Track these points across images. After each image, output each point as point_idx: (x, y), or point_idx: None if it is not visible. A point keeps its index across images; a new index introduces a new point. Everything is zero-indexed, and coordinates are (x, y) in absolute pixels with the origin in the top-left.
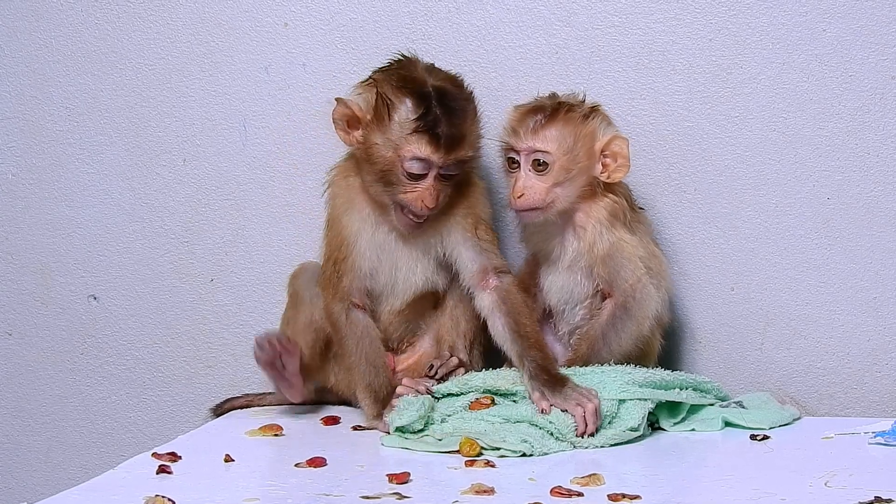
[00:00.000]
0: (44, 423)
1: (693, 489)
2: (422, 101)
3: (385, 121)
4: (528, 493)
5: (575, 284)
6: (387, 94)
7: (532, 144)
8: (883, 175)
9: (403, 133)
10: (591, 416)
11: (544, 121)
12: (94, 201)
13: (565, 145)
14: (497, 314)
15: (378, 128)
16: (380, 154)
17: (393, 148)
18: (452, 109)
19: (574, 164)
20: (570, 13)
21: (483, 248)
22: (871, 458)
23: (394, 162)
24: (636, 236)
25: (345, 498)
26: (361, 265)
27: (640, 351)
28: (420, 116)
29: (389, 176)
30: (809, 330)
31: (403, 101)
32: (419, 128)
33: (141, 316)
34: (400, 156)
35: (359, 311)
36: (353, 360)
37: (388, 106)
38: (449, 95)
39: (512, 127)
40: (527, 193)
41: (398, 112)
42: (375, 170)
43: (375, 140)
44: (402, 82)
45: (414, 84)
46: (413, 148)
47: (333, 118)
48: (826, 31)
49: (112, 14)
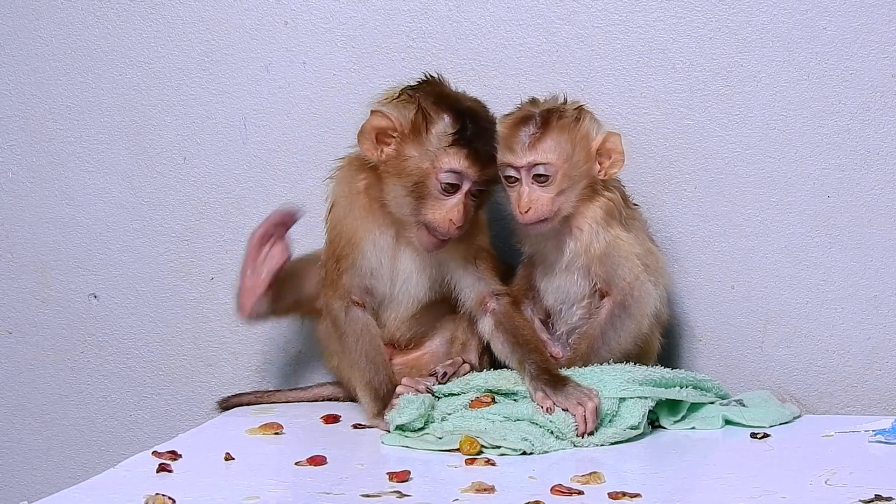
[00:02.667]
0: (44, 422)
1: (693, 487)
2: (459, 118)
3: (423, 134)
4: (529, 491)
5: (572, 285)
6: (427, 109)
7: (532, 159)
8: (883, 173)
9: (442, 146)
10: (591, 414)
11: (539, 133)
12: (94, 200)
13: (564, 153)
14: (497, 335)
15: (415, 141)
16: (415, 166)
17: (430, 160)
18: (485, 129)
19: (575, 169)
20: (570, 12)
21: (480, 276)
22: (871, 457)
23: (429, 174)
24: (632, 234)
25: (345, 496)
26: (362, 265)
27: (640, 349)
28: (458, 131)
29: (422, 189)
30: (810, 328)
31: (442, 117)
32: (458, 141)
33: (141, 314)
34: (436, 167)
35: (358, 309)
36: (353, 357)
37: (426, 120)
38: (481, 116)
39: (505, 141)
40: (533, 207)
41: (436, 126)
42: (407, 183)
43: (411, 153)
44: (440, 98)
45: (451, 101)
46: (451, 160)
47: (363, 130)
48: (826, 30)
49: (112, 13)
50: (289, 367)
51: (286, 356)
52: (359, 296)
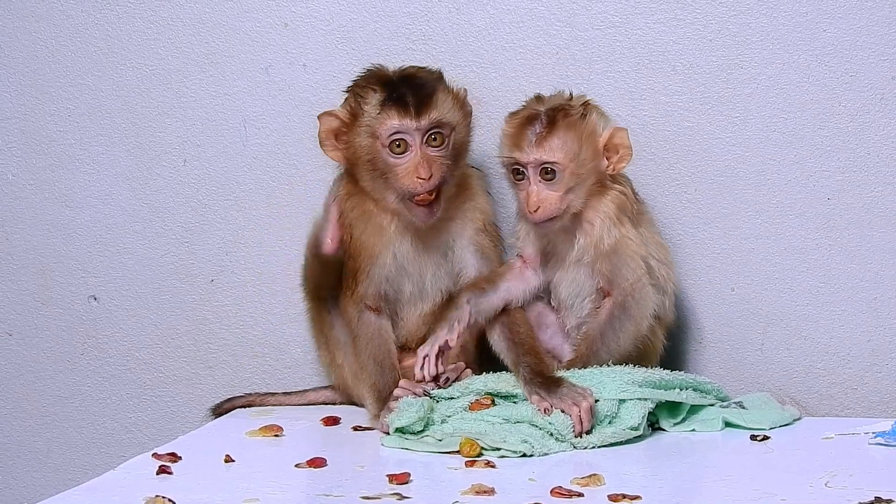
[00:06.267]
0: (44, 424)
1: (693, 489)
2: (386, 85)
3: (360, 114)
4: (529, 493)
5: (586, 277)
6: (357, 92)
7: (539, 157)
8: (883, 175)
9: (374, 115)
10: (586, 413)
11: (546, 130)
12: (94, 202)
13: (572, 151)
14: (494, 327)
15: (357, 124)
16: (362, 145)
17: (369, 133)
18: (417, 83)
19: (582, 167)
20: (570, 13)
21: (485, 254)
22: (871, 459)
23: (374, 146)
24: (640, 232)
25: (345, 498)
26: (380, 275)
27: (640, 351)
28: (386, 95)
29: (378, 163)
30: (810, 330)
31: (370, 91)
32: (385, 101)
33: (141, 316)
34: (378, 136)
35: (371, 314)
36: (362, 359)
37: (359, 101)
38: (413, 76)
39: (512, 139)
40: (542, 206)
41: (368, 101)
42: (367, 165)
43: (357, 136)
44: (368, 78)
45: (378, 75)
46: (385, 121)
47: (320, 138)
48: (826, 32)
49: (112, 15)
50: (287, 370)
51: (286, 359)
52: (373, 301)
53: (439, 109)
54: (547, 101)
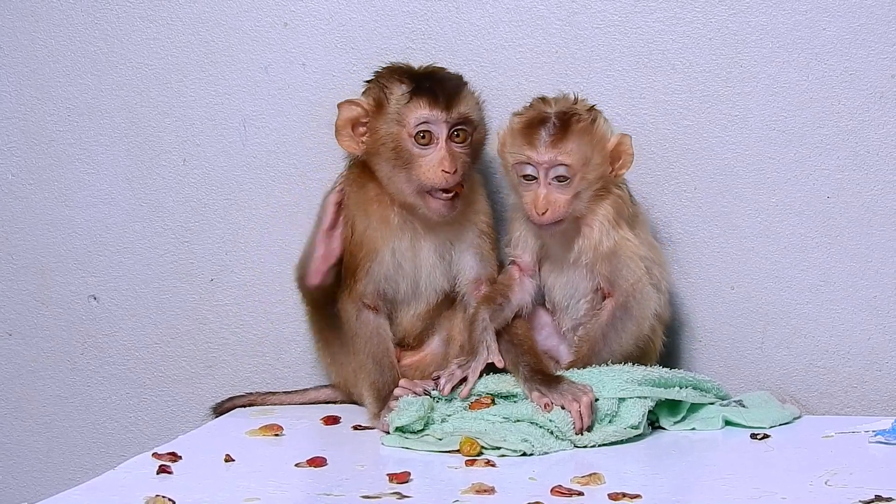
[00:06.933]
0: (44, 423)
1: (693, 488)
2: (414, 77)
3: (386, 104)
4: (529, 492)
5: (581, 279)
6: (384, 82)
7: (554, 157)
8: (883, 174)
9: (403, 103)
10: (586, 409)
11: (560, 133)
12: (93, 201)
13: (584, 156)
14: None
15: (381, 113)
16: (387, 133)
17: (397, 120)
18: (444, 78)
19: (592, 172)
20: (569, 12)
21: (483, 255)
22: (871, 457)
23: (401, 134)
24: (637, 233)
25: (345, 497)
26: (379, 272)
27: (641, 350)
28: (415, 86)
29: (402, 153)
30: (809, 329)
31: (399, 82)
32: (415, 92)
33: (141, 316)
34: (405, 124)
35: (370, 312)
36: (361, 358)
37: (385, 91)
38: (438, 72)
39: (524, 139)
40: (551, 209)
41: (395, 91)
42: (389, 155)
43: (381, 125)
44: (394, 70)
45: (406, 69)
46: (414, 111)
47: (337, 126)
48: (826, 30)
49: (112, 14)
50: (288, 370)
51: (286, 358)
52: (371, 300)
53: (467, 105)
54: (554, 103)
